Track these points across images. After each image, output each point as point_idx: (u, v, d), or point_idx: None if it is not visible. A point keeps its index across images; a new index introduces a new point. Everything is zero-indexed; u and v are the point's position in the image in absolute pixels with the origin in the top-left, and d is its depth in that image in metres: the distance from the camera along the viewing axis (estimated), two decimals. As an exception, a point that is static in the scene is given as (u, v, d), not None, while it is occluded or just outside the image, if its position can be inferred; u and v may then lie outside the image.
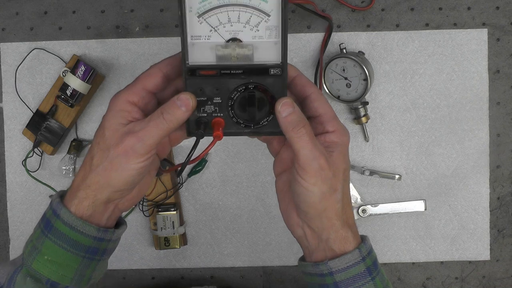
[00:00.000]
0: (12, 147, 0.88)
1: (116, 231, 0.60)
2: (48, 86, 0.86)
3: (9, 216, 0.88)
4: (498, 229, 0.87)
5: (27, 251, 0.59)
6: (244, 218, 0.88)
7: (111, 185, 0.56)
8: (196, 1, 0.53)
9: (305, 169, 0.55)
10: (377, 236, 0.87)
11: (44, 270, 0.57)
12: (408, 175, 0.86)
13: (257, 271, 0.89)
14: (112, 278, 0.89)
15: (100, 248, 0.59)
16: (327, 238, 0.57)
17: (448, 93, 0.85)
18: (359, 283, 0.57)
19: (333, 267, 0.57)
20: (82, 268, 0.58)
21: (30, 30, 0.86)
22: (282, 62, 0.55)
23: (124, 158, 0.54)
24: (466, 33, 0.84)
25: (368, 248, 0.59)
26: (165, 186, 0.85)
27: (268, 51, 0.55)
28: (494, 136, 0.86)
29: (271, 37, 0.55)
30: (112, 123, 0.55)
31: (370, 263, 0.58)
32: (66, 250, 0.57)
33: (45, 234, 0.58)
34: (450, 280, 0.88)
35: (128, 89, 0.57)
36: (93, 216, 0.57)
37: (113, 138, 0.55)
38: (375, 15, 0.85)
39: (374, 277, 0.58)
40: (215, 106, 0.57)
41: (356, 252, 0.57)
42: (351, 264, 0.57)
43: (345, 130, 0.58)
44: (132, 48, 0.86)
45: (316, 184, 0.55)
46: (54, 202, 0.58)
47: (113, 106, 0.56)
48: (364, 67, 0.80)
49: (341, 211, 0.57)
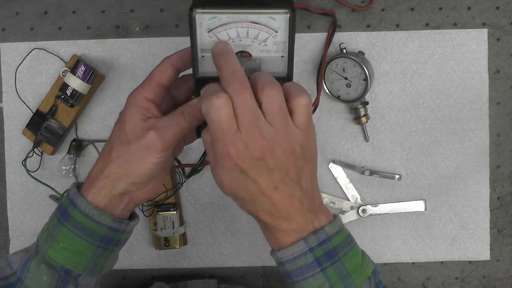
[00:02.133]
0: (12, 147, 0.88)
1: (130, 223, 0.63)
2: (48, 86, 0.86)
3: (9, 216, 0.88)
4: (498, 229, 0.87)
5: (42, 239, 0.61)
6: (244, 218, 0.88)
7: (129, 177, 0.59)
8: (207, 18, 0.55)
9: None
10: (377, 236, 0.87)
11: (59, 257, 0.60)
12: (408, 175, 0.86)
13: (257, 271, 0.89)
14: (112, 278, 0.89)
15: (114, 239, 0.61)
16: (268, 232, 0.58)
17: (448, 93, 0.85)
18: (307, 273, 0.56)
19: (281, 258, 0.57)
20: (95, 257, 0.61)
21: (30, 30, 0.86)
22: (288, 74, 0.58)
23: (145, 152, 0.58)
24: (466, 33, 0.84)
25: (321, 238, 0.56)
26: (165, 186, 0.85)
27: (275, 64, 0.57)
28: (494, 136, 0.86)
29: (278, 52, 0.57)
30: (132, 118, 0.59)
31: (320, 254, 0.56)
32: (82, 239, 0.59)
33: (62, 222, 0.60)
34: (450, 280, 0.88)
35: (145, 86, 0.60)
36: (109, 207, 0.60)
37: (134, 133, 0.58)
38: (375, 15, 0.85)
39: (324, 268, 0.56)
40: None
41: (301, 244, 0.56)
42: (297, 255, 0.56)
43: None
44: (132, 48, 0.86)
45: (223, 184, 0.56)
46: (71, 192, 0.61)
47: (131, 103, 0.59)
48: (364, 67, 0.80)
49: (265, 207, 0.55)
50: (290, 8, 0.55)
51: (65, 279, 0.60)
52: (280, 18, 0.55)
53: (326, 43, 0.84)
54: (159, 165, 0.59)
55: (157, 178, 0.62)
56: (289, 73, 0.58)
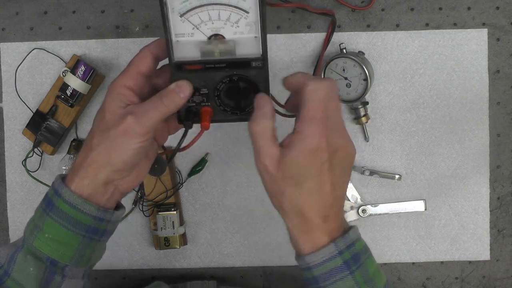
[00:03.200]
0: (12, 147, 0.88)
1: (116, 212, 0.62)
2: (48, 86, 0.86)
3: (9, 216, 0.88)
4: (498, 229, 0.87)
5: (28, 230, 0.61)
6: (244, 218, 0.88)
7: (110, 164, 0.58)
8: (178, 2, 0.56)
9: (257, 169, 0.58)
10: (377, 236, 0.87)
11: (44, 248, 0.60)
12: (408, 175, 0.86)
13: (257, 271, 0.89)
14: (112, 278, 0.89)
15: (100, 229, 0.61)
16: (294, 235, 0.58)
17: (448, 93, 0.85)
18: (336, 277, 0.57)
19: (310, 262, 0.57)
20: (81, 248, 0.60)
21: (30, 30, 0.86)
22: (262, 55, 0.58)
23: (124, 137, 0.57)
24: (466, 33, 0.84)
25: (347, 241, 0.57)
26: (165, 186, 0.85)
27: (249, 46, 0.58)
28: (494, 136, 0.86)
29: (251, 32, 0.57)
30: (111, 105, 0.59)
31: (348, 257, 0.57)
32: (67, 229, 0.59)
33: (47, 212, 0.60)
34: (450, 280, 0.88)
35: (124, 74, 0.60)
36: (93, 196, 0.60)
37: (113, 119, 0.58)
38: (375, 15, 0.85)
39: (353, 271, 0.57)
40: (203, 96, 0.60)
41: (332, 246, 0.57)
42: (327, 259, 0.57)
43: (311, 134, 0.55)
44: (132, 48, 0.86)
45: (265, 184, 0.58)
46: (56, 183, 0.61)
47: (111, 91, 0.60)
48: (364, 67, 0.80)
49: (297, 210, 0.57)
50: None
51: (51, 270, 0.60)
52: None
53: (325, 43, 0.84)
54: (139, 151, 0.58)
55: (141, 166, 0.62)
56: (264, 53, 0.58)
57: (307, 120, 0.55)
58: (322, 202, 0.57)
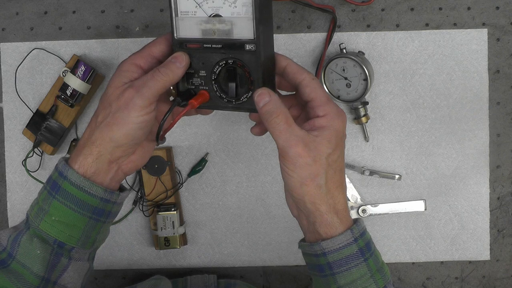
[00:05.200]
0: (12, 147, 0.88)
1: (121, 194, 0.62)
2: (48, 86, 0.86)
3: (9, 216, 0.88)
4: (498, 229, 0.87)
5: (33, 213, 0.61)
6: (244, 218, 0.88)
7: (113, 140, 0.59)
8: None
9: (283, 156, 0.57)
10: (377, 236, 0.87)
11: (51, 231, 0.60)
12: (408, 175, 0.86)
13: (257, 271, 0.89)
14: (112, 278, 0.89)
15: (106, 210, 0.61)
16: (314, 221, 0.59)
17: (448, 93, 0.85)
18: (351, 263, 0.59)
19: (326, 248, 0.58)
20: (88, 229, 0.61)
21: (30, 30, 0.86)
22: (255, 38, 0.58)
23: (125, 110, 0.58)
24: (466, 33, 0.84)
25: (360, 229, 0.60)
26: (165, 186, 0.85)
27: (245, 27, 0.59)
28: (494, 136, 0.86)
29: (247, 14, 0.58)
30: (115, 82, 0.59)
31: (362, 244, 0.59)
32: (74, 211, 0.59)
33: (52, 195, 0.60)
34: (450, 280, 0.88)
35: (136, 53, 0.61)
36: (97, 174, 0.60)
37: (114, 94, 0.59)
38: (375, 15, 0.85)
39: (367, 258, 0.59)
40: (201, 79, 0.62)
41: (348, 233, 0.58)
42: (344, 245, 0.58)
43: (337, 114, 0.59)
44: (132, 48, 0.86)
45: (294, 171, 0.57)
46: (60, 165, 0.61)
47: (119, 68, 0.60)
48: (364, 67, 0.80)
49: (326, 195, 0.58)
50: None
51: (58, 252, 0.60)
52: None
53: (326, 41, 0.84)
54: (141, 124, 0.58)
55: (144, 146, 0.62)
56: (257, 35, 0.58)
57: (327, 102, 0.59)
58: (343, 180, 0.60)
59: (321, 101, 0.59)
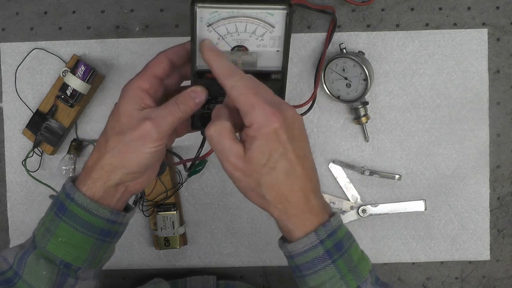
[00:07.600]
0: (12, 147, 0.88)
1: (127, 214, 0.63)
2: (48, 86, 0.86)
3: (9, 216, 0.88)
4: (498, 229, 0.87)
5: (39, 234, 0.61)
6: (244, 218, 0.88)
7: (125, 167, 0.59)
8: (207, 12, 0.57)
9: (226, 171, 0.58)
10: (377, 236, 0.87)
11: (58, 252, 0.60)
12: (408, 175, 0.86)
13: (257, 271, 0.89)
14: (112, 278, 0.89)
15: (112, 231, 0.62)
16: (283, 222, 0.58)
17: (448, 93, 0.85)
18: (318, 266, 0.58)
19: (292, 251, 0.59)
20: (94, 250, 0.61)
21: (30, 30, 0.86)
22: (282, 69, 0.60)
23: (140, 142, 0.58)
24: (466, 33, 0.84)
25: (329, 230, 0.57)
26: (165, 186, 0.85)
27: (271, 59, 0.59)
28: (494, 136, 0.86)
29: (274, 46, 0.59)
30: (127, 109, 0.59)
31: (330, 246, 0.57)
32: (80, 232, 0.60)
33: (59, 216, 0.60)
34: (450, 280, 0.88)
35: (139, 76, 0.60)
36: (104, 198, 0.60)
37: (129, 123, 0.59)
38: (375, 15, 0.85)
39: (335, 260, 0.57)
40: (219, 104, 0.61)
41: (312, 236, 0.57)
42: (308, 248, 0.57)
43: (266, 119, 0.54)
44: (132, 48, 0.86)
45: (235, 183, 0.58)
46: (67, 186, 0.61)
47: (126, 93, 0.60)
48: (364, 67, 0.80)
49: (274, 202, 0.57)
50: (287, 5, 0.57)
51: (64, 272, 0.61)
52: (278, 14, 0.57)
53: (326, 41, 0.84)
54: (154, 154, 0.59)
55: (152, 168, 0.63)
56: (284, 66, 0.60)
57: (251, 110, 0.55)
58: (297, 179, 0.56)
59: (244, 111, 0.55)
